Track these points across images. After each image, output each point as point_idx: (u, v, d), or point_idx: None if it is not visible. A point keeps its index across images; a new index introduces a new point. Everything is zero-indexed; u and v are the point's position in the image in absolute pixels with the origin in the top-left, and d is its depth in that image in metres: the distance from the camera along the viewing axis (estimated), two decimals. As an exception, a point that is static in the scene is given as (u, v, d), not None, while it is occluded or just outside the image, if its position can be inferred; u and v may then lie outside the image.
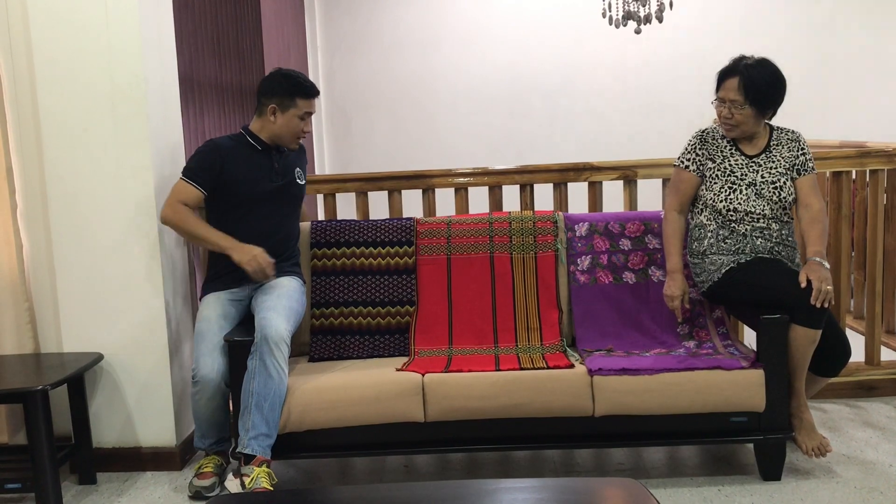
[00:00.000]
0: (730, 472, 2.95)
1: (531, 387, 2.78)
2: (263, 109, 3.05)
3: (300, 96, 3.03)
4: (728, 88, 2.93)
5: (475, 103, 7.23)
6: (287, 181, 3.12)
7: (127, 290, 3.11)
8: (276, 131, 3.05)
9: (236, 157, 3.04)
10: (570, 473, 3.02)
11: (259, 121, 3.08)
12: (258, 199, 3.05)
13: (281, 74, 3.09)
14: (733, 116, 2.93)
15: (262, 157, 3.08)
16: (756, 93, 2.88)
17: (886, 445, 3.10)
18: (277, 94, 3.02)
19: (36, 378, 2.89)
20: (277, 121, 3.03)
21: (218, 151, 3.02)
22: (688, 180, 3.03)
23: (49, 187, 3.08)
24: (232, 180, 3.01)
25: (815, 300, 2.68)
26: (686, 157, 3.04)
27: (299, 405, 2.78)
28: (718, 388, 2.76)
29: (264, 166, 3.07)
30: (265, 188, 3.05)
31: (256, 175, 3.04)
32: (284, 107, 3.02)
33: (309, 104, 3.06)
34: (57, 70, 3.02)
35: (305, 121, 3.06)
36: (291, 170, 3.15)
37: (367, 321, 3.23)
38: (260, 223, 3.05)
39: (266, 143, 3.08)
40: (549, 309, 3.22)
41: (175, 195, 2.99)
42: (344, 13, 7.27)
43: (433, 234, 3.31)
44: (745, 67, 2.91)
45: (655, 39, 6.60)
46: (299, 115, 3.03)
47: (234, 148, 3.06)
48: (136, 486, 3.07)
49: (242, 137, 3.10)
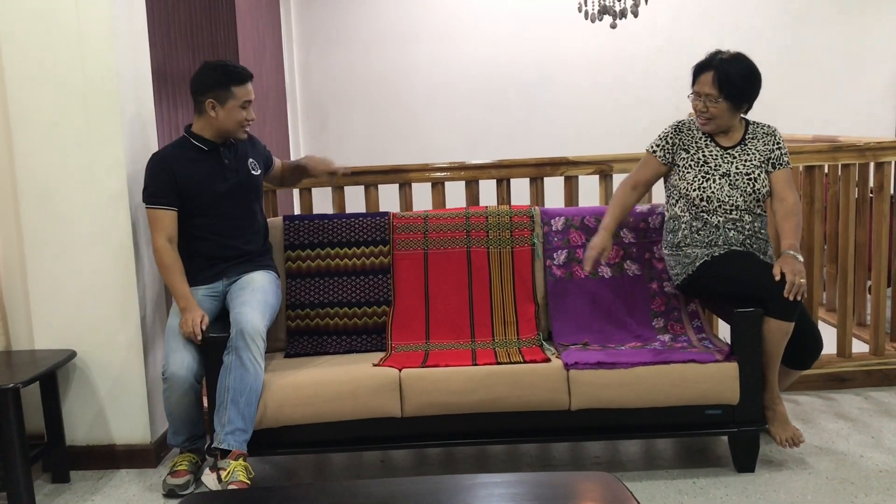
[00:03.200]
0: (704, 465, 2.98)
1: (508, 381, 2.79)
2: (202, 106, 2.97)
3: (235, 84, 2.95)
4: (703, 83, 2.95)
5: (453, 97, 7.23)
6: (241, 176, 3.06)
7: (100, 286, 3.08)
8: (220, 126, 2.98)
9: (183, 163, 2.97)
10: (546, 467, 3.03)
11: (200, 119, 3.01)
12: (217, 199, 3.00)
13: (210, 67, 3.02)
14: (708, 110, 2.95)
15: (209, 157, 3.01)
16: (731, 87, 2.91)
17: (857, 437, 3.14)
18: (212, 88, 2.95)
19: (7, 376, 2.85)
20: (219, 115, 2.96)
21: (164, 164, 2.96)
22: (651, 165, 3.09)
23: (20, 182, 3.04)
24: (186, 187, 2.96)
25: (788, 293, 2.70)
26: (657, 143, 3.09)
27: (275, 401, 2.77)
28: (693, 381, 2.78)
29: (215, 166, 3.01)
30: (221, 188, 3.00)
31: (209, 177, 2.99)
32: (222, 99, 2.94)
33: (245, 91, 2.98)
34: (27, 63, 2.98)
35: (247, 109, 2.99)
36: (244, 162, 3.09)
37: (344, 322, 3.22)
38: (225, 223, 3.03)
39: (212, 142, 3.01)
40: (526, 303, 3.23)
41: (154, 228, 2.95)
42: (320, 6, 7.22)
43: (410, 228, 3.31)
44: (721, 62, 2.93)
45: (631, 34, 6.63)
46: (239, 104, 2.96)
47: (179, 155, 2.99)
48: (111, 484, 3.04)
49: (186, 141, 3.03)
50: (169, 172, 2.94)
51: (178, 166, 2.96)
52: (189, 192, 2.96)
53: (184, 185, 2.95)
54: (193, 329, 2.83)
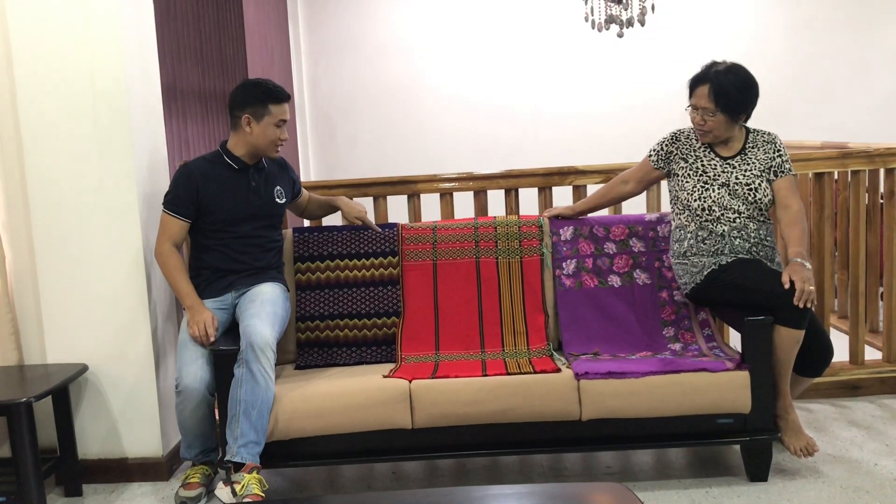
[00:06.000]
0: (717, 474, 2.96)
1: (518, 392, 2.79)
2: (238, 122, 3.01)
3: (272, 102, 2.99)
4: (699, 96, 2.95)
5: (460, 108, 7.25)
6: (265, 201, 3.08)
7: (111, 299, 3.09)
8: (254, 142, 3.01)
9: (211, 179, 3.00)
10: (558, 478, 3.02)
11: (235, 136, 3.04)
12: (236, 219, 3.02)
13: (250, 83, 3.06)
14: (706, 123, 2.95)
15: (238, 176, 3.04)
16: (727, 99, 2.90)
17: (871, 444, 3.12)
18: (250, 104, 2.99)
19: (20, 390, 2.87)
20: (254, 131, 2.99)
21: (191, 177, 2.99)
22: (644, 166, 3.17)
23: (31, 197, 3.06)
24: (208, 203, 2.98)
25: (798, 300, 2.69)
26: (654, 148, 3.14)
27: (286, 413, 2.77)
28: (704, 390, 2.77)
29: (241, 186, 3.04)
30: (243, 209, 3.03)
31: (233, 196, 3.02)
32: (258, 116, 2.98)
33: (282, 110, 3.02)
34: (38, 79, 3.00)
35: (281, 128, 3.03)
36: (271, 188, 3.11)
37: (354, 333, 3.22)
38: (239, 241, 3.04)
39: (243, 162, 3.05)
40: (535, 313, 3.22)
41: (163, 232, 2.99)
42: (328, 19, 7.26)
43: (418, 239, 3.31)
44: (716, 74, 2.93)
45: (638, 43, 6.64)
46: (274, 122, 3.00)
47: (208, 170, 3.02)
48: (123, 497, 3.05)
49: (219, 157, 3.06)
50: (194, 184, 2.98)
51: (204, 180, 2.99)
52: (209, 206, 2.99)
53: (205, 200, 2.98)
54: (207, 330, 2.85)
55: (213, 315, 2.92)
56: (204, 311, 2.91)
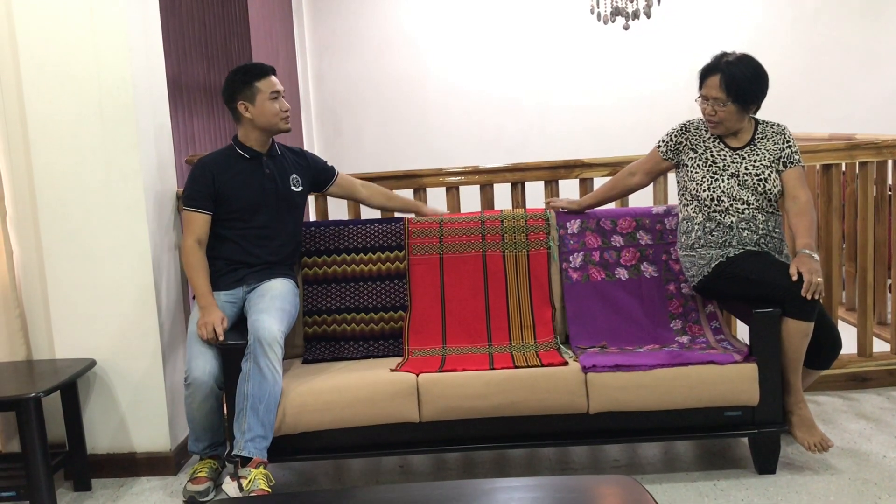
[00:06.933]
0: (725, 467, 2.96)
1: (525, 385, 2.78)
2: (237, 113, 3.06)
3: (256, 79, 3.03)
4: (710, 86, 2.93)
5: (465, 101, 7.22)
6: (280, 188, 3.10)
7: (118, 294, 3.10)
8: (259, 124, 3.05)
9: (224, 169, 3.05)
10: (565, 471, 3.02)
11: (241, 127, 3.09)
12: (250, 207, 3.05)
13: (230, 74, 3.10)
14: (717, 114, 2.94)
15: (252, 165, 3.08)
16: (738, 89, 2.89)
17: (880, 437, 3.11)
18: (238, 91, 3.03)
19: (28, 385, 2.88)
20: (253, 114, 3.03)
21: (206, 168, 3.04)
22: (653, 157, 3.16)
23: (38, 193, 3.07)
24: (224, 192, 3.02)
25: (806, 292, 2.68)
26: (662, 139, 3.13)
27: (294, 407, 2.78)
28: (712, 382, 2.77)
29: (256, 174, 3.07)
30: (258, 196, 3.06)
31: (248, 184, 3.05)
32: (250, 97, 3.02)
33: (269, 83, 3.04)
34: (44, 75, 3.01)
35: (278, 100, 3.06)
36: (286, 176, 3.14)
37: (361, 327, 3.22)
38: (254, 232, 3.06)
39: (255, 151, 3.08)
40: (543, 306, 3.22)
41: (187, 230, 3.02)
42: (333, 14, 7.25)
43: (425, 233, 3.31)
44: (727, 64, 2.91)
45: (643, 35, 6.61)
46: (268, 97, 3.03)
47: (222, 162, 3.07)
48: (131, 491, 3.06)
49: (231, 149, 3.11)
50: (209, 177, 3.02)
51: (218, 171, 3.03)
52: (224, 196, 3.02)
53: (220, 190, 3.02)
54: (216, 330, 2.86)
55: (223, 316, 2.92)
56: (214, 313, 2.91)
